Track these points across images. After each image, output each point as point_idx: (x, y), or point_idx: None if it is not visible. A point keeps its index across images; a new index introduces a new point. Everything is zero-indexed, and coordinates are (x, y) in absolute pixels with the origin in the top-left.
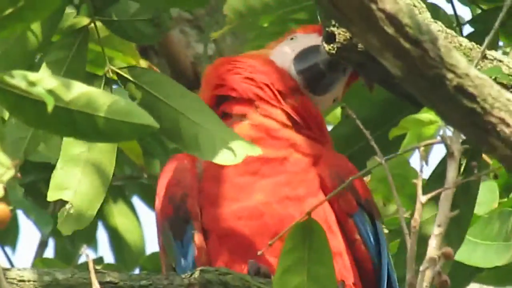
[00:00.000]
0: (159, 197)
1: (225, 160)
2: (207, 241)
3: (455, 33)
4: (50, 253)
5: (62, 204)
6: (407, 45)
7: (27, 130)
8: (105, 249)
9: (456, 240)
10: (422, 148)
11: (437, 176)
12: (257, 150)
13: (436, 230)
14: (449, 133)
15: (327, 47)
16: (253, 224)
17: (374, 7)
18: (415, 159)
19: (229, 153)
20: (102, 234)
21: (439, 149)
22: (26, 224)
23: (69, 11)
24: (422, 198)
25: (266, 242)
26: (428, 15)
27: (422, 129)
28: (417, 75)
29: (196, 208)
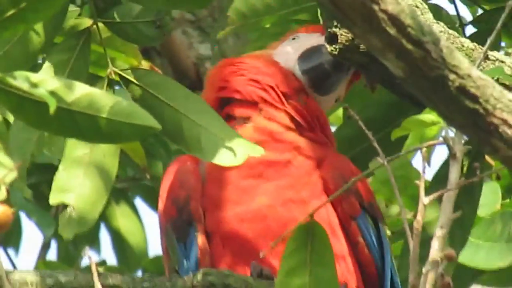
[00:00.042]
0: (162, 199)
1: (227, 161)
2: (210, 243)
3: (457, 34)
4: (52, 255)
5: (65, 205)
6: (409, 46)
7: (33, 131)
8: (107, 251)
9: (459, 241)
10: (424, 149)
11: (440, 177)
12: (259, 150)
13: (438, 231)
14: (452, 134)
15: (329, 48)
16: (257, 226)
17: (376, 8)
18: (417, 160)
19: (231, 154)
20: (104, 236)
21: (441, 150)
22: (29, 226)
23: (72, 8)
24: (424, 199)
25: (269, 245)
26: (430, 16)
27: (424, 130)
28: (419, 76)
29: (199, 210)
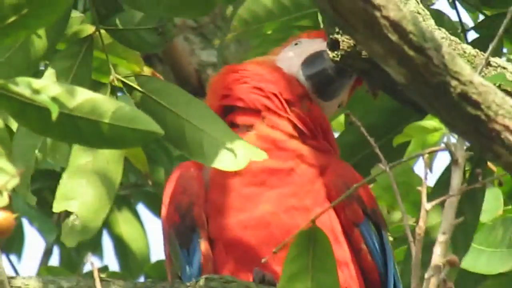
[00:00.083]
0: (165, 205)
1: (229, 165)
2: (213, 250)
3: (459, 40)
4: (55, 261)
5: (67, 212)
6: (411, 53)
7: (36, 138)
8: (110, 257)
9: (462, 247)
10: (426, 155)
11: (442, 183)
12: (261, 154)
13: (440, 237)
14: (453, 140)
15: (331, 55)
16: (260, 233)
17: (378, 14)
18: (419, 167)
19: (233, 158)
20: (107, 242)
21: (443, 156)
22: (31, 232)
23: (76, 15)
24: (426, 205)
25: (272, 252)
26: (432, 22)
27: (426, 137)
28: (421, 82)
29: (202, 216)
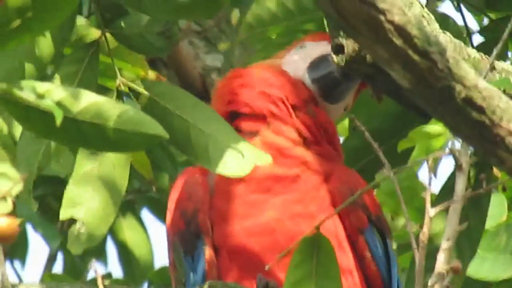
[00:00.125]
0: (170, 211)
1: (234, 170)
2: (217, 256)
3: (464, 44)
4: (59, 267)
5: (72, 219)
6: (416, 57)
7: (41, 143)
8: (113, 263)
9: (467, 253)
10: (430, 160)
11: (447, 189)
12: (266, 158)
13: (444, 244)
14: (458, 145)
15: (335, 59)
16: (264, 240)
17: (382, 18)
18: (423, 172)
19: (239, 163)
20: (111, 248)
21: (448, 161)
22: (35, 238)
23: (80, 19)
24: (431, 211)
25: (276, 258)
26: (436, 26)
27: (430, 142)
28: (425, 86)
29: (207, 223)
